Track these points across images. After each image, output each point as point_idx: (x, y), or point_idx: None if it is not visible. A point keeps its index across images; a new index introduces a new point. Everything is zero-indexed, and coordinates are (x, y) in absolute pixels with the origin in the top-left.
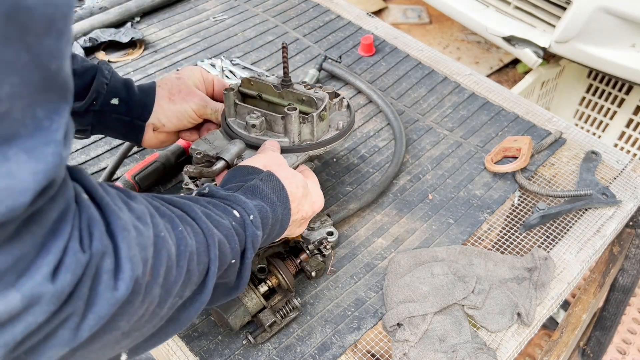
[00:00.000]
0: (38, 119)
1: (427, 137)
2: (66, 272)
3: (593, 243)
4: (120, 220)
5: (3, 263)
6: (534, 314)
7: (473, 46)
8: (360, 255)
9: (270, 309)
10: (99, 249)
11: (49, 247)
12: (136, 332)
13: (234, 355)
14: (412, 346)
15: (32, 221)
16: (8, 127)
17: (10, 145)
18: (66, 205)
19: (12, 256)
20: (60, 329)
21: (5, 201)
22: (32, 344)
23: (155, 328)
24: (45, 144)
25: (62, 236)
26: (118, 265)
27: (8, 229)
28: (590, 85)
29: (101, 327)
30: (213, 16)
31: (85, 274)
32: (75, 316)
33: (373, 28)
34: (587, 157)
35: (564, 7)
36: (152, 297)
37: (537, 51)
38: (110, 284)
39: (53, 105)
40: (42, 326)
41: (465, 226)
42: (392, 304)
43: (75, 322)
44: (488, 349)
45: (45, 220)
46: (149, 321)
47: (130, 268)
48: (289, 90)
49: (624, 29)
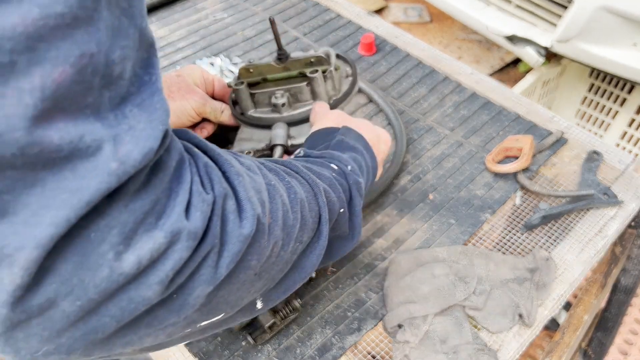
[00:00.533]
0: (139, 75)
1: (427, 136)
2: (195, 211)
3: (595, 243)
4: (233, 168)
5: (143, 207)
6: (536, 315)
7: (474, 45)
8: (361, 255)
9: (270, 309)
10: (221, 191)
11: (177, 190)
12: (267, 274)
13: (234, 356)
14: (412, 347)
15: (157, 169)
16: (122, 88)
17: (125, 104)
18: (180, 155)
19: (149, 200)
20: (202, 267)
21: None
22: (180, 282)
23: (282, 273)
24: (151, 95)
25: (185, 180)
26: (240, 205)
27: (141, 177)
28: (591, 85)
29: (236, 266)
30: (212, 15)
31: (213, 213)
32: (213, 254)
33: (373, 27)
34: (589, 157)
35: (565, 6)
36: (276, 238)
37: (539, 50)
38: (237, 222)
39: (147, 60)
40: (187, 263)
41: (466, 226)
42: (392, 305)
43: (213, 259)
44: (489, 350)
45: (167, 168)
46: (276, 264)
47: (251, 207)
48: (290, 60)
49: (626, 28)
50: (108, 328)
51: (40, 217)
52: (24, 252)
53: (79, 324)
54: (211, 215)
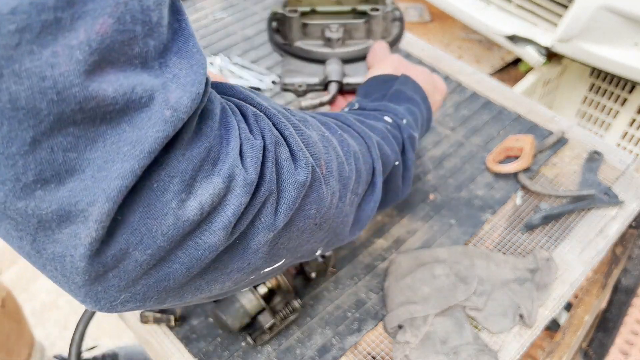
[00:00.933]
0: (170, 23)
1: (428, 136)
2: (247, 157)
3: (595, 244)
4: (282, 119)
5: (199, 155)
6: (536, 316)
7: (474, 45)
8: (361, 256)
9: (270, 310)
10: (272, 139)
11: (227, 137)
12: (327, 225)
13: (233, 357)
14: (413, 348)
15: (205, 117)
16: (163, 35)
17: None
18: (221, 104)
19: (204, 148)
20: (262, 214)
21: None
22: (242, 228)
23: (343, 225)
24: (186, 42)
25: (233, 127)
26: (293, 154)
27: (192, 124)
28: (592, 85)
29: (295, 214)
30: (212, 14)
31: (266, 159)
32: (272, 200)
33: None
34: (590, 157)
35: (565, 6)
36: (332, 189)
37: (540, 50)
38: (292, 170)
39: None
40: (247, 209)
41: (467, 226)
42: (392, 306)
43: (272, 206)
44: (490, 350)
45: (214, 115)
46: (336, 215)
47: (304, 156)
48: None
49: (627, 28)
50: (178, 275)
51: (107, 171)
52: (97, 206)
53: (152, 271)
54: (264, 161)
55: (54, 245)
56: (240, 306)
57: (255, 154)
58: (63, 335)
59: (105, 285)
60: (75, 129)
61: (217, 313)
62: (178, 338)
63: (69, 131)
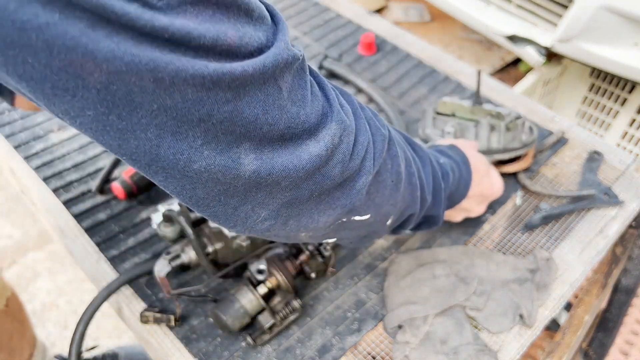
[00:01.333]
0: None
1: None
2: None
3: (595, 244)
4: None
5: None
6: (536, 316)
7: (475, 45)
8: (361, 256)
9: (270, 310)
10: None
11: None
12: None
13: (233, 357)
14: (413, 348)
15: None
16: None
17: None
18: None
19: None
20: (366, 159)
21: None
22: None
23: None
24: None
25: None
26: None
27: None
28: (592, 85)
29: (380, 166)
30: None
31: (357, 115)
32: (370, 147)
33: (373, 26)
34: (590, 157)
35: (565, 6)
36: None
37: (540, 50)
38: (377, 125)
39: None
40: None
41: (467, 226)
42: (392, 306)
43: (371, 153)
44: (490, 350)
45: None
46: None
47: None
48: (479, 107)
49: (627, 28)
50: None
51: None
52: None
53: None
54: (355, 116)
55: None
56: (240, 306)
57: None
58: (63, 335)
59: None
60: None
61: (217, 313)
62: (178, 338)
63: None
